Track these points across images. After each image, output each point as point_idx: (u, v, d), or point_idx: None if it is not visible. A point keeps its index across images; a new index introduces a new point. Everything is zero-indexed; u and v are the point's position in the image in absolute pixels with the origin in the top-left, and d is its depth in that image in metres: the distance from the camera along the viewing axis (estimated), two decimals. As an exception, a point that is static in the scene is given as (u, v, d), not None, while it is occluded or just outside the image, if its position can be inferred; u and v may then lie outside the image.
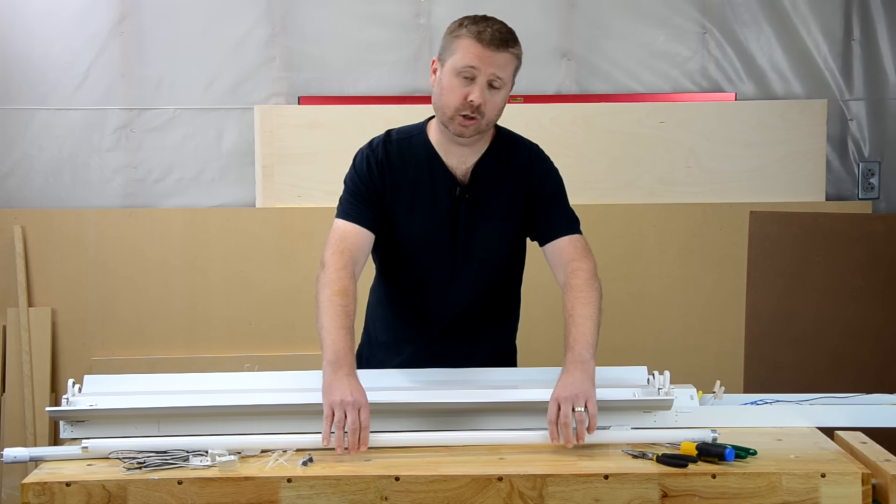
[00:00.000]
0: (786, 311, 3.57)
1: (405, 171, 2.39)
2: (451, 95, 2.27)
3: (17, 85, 3.88)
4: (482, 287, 2.44)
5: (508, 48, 2.27)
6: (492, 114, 2.30)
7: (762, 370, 3.56)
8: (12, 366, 3.80)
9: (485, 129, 2.32)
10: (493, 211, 2.40)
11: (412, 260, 2.42)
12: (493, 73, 2.26)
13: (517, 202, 2.42)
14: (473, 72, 2.25)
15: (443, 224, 2.38)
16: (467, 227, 2.39)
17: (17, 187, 3.91)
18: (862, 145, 3.98)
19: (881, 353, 3.49)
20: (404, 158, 2.40)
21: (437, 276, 2.42)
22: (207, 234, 3.87)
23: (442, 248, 2.40)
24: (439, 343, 2.44)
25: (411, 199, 2.39)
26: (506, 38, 2.28)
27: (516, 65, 2.31)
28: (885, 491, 1.85)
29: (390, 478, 1.86)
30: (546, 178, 2.44)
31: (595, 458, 1.96)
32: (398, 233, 2.40)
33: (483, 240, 2.40)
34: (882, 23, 3.94)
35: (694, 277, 3.90)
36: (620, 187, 3.89)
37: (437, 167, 2.38)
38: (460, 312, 2.43)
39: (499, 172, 2.41)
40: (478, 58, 2.25)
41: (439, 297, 2.43)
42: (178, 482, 1.85)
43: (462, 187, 2.38)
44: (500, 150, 2.42)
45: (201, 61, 3.90)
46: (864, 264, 3.52)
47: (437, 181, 2.38)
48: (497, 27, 2.28)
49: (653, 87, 3.96)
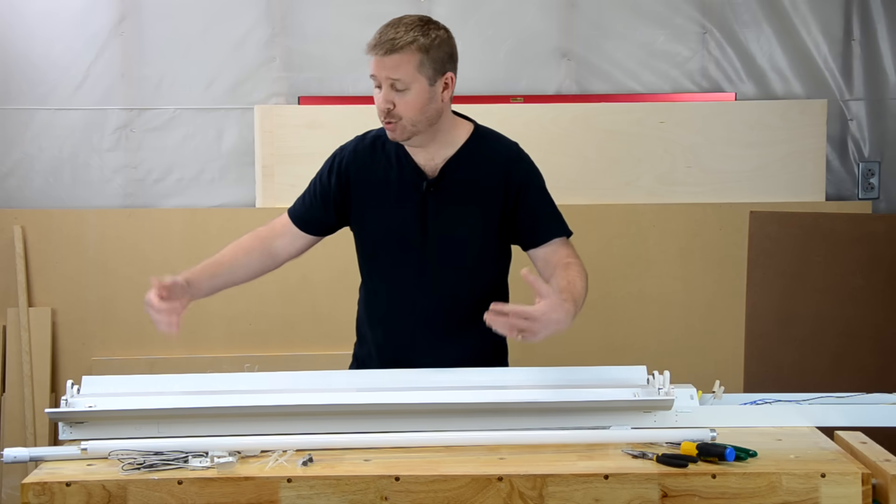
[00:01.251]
0: (786, 311, 3.57)
1: (375, 168, 2.45)
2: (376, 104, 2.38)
3: (17, 85, 3.88)
4: (456, 285, 2.44)
5: (398, 49, 2.31)
6: (409, 114, 2.33)
7: (762, 370, 3.56)
8: (12, 366, 3.80)
9: (413, 129, 2.36)
10: (464, 206, 2.42)
11: (384, 255, 2.46)
12: (388, 77, 2.33)
13: (492, 199, 2.43)
14: (377, 80, 2.36)
15: (412, 218, 2.42)
16: (437, 221, 2.42)
17: (17, 187, 3.91)
18: (862, 145, 3.98)
19: (881, 353, 3.49)
20: (376, 156, 2.46)
21: (408, 270, 2.44)
22: (207, 234, 3.87)
23: (412, 242, 2.43)
24: (417, 341, 2.46)
25: (381, 195, 2.44)
26: (394, 40, 2.32)
27: (420, 59, 2.33)
28: (885, 491, 1.84)
29: (390, 478, 1.86)
30: (526, 181, 2.45)
31: (595, 458, 1.96)
32: (370, 229, 2.46)
33: (455, 235, 2.42)
34: (882, 23, 3.94)
35: (694, 277, 3.90)
36: (620, 187, 3.89)
37: (407, 164, 2.44)
38: (436, 310, 2.44)
39: (471, 168, 2.43)
40: (374, 66, 2.36)
41: (412, 292, 2.45)
42: (178, 482, 1.85)
43: (429, 181, 2.42)
44: (474, 148, 2.44)
45: (201, 61, 3.91)
46: (864, 264, 3.52)
47: (405, 177, 2.43)
48: (387, 33, 2.34)
49: (653, 87, 3.96)
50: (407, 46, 2.32)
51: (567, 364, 2.58)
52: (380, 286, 2.50)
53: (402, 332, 2.48)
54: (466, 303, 2.44)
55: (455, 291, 2.45)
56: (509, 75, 3.93)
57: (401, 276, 2.45)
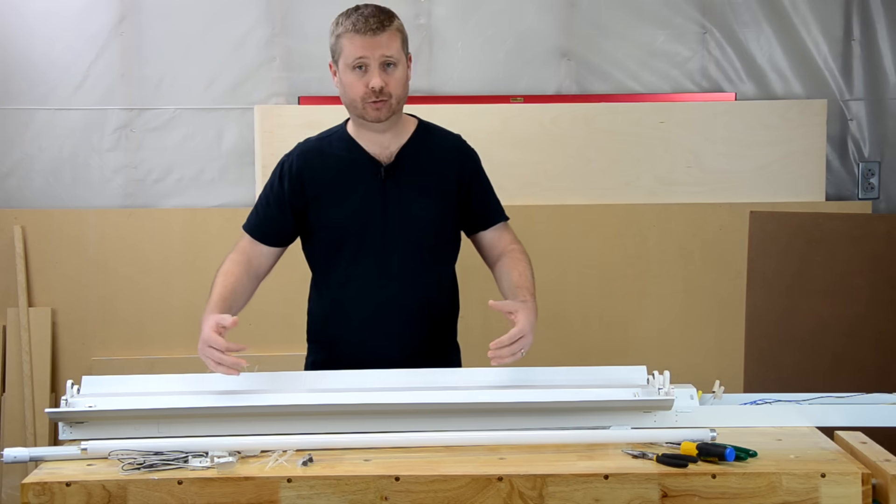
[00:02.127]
0: (786, 311, 3.57)
1: (326, 168, 2.51)
2: (353, 89, 2.43)
3: (17, 85, 3.88)
4: (418, 266, 2.52)
5: (385, 28, 2.42)
6: (397, 90, 2.44)
7: (762, 370, 3.55)
8: (12, 366, 3.80)
9: (397, 107, 2.46)
10: (421, 190, 2.51)
11: (349, 244, 2.50)
12: (382, 55, 2.41)
13: (447, 184, 2.54)
14: (364, 61, 2.40)
15: (372, 206, 2.49)
16: (397, 204, 2.49)
17: (17, 187, 3.91)
18: (862, 145, 3.98)
19: (881, 353, 3.49)
20: (324, 155, 2.53)
21: (372, 256, 2.50)
22: (207, 234, 3.87)
23: (371, 230, 2.49)
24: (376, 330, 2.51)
25: (338, 189, 2.50)
26: (380, 19, 2.42)
27: (401, 38, 2.46)
28: (885, 491, 1.85)
29: (390, 478, 1.86)
30: (476, 169, 2.61)
31: (595, 458, 1.96)
32: (332, 222, 2.51)
33: (415, 217, 2.50)
34: (882, 23, 3.94)
35: (694, 277, 3.90)
36: (620, 187, 3.89)
37: (360, 156, 2.51)
38: (399, 292, 2.50)
39: (423, 155, 2.54)
40: (362, 47, 2.39)
41: (378, 277, 2.50)
42: (178, 482, 1.85)
43: (386, 167, 2.49)
44: (423, 138, 2.56)
45: (201, 61, 3.90)
46: (864, 264, 3.52)
47: (360, 168, 2.50)
48: (368, 12, 2.42)
49: (653, 87, 3.96)
50: (391, 25, 2.43)
51: (567, 364, 2.58)
52: (347, 276, 2.53)
53: (371, 318, 2.52)
54: (426, 284, 2.54)
55: (416, 273, 2.52)
56: (509, 75, 3.93)
57: (366, 262, 2.51)
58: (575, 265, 3.87)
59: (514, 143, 3.85)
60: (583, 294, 3.88)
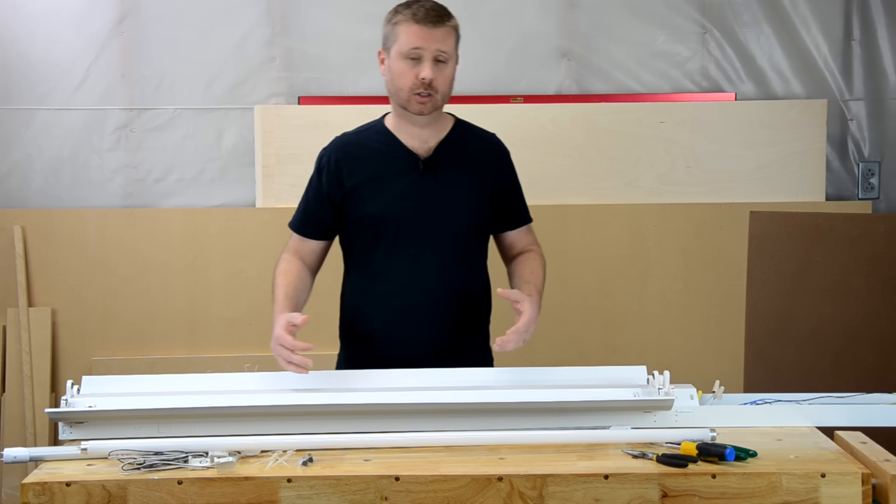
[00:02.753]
0: (786, 311, 3.57)
1: (364, 160, 2.53)
2: (402, 78, 2.44)
3: (17, 85, 3.88)
4: (452, 262, 2.53)
5: (445, 23, 2.44)
6: (444, 87, 2.46)
7: (762, 370, 3.55)
8: (12, 366, 3.80)
9: (441, 103, 2.48)
10: (458, 183, 2.53)
11: (386, 234, 2.51)
12: (437, 49, 2.42)
13: (483, 181, 2.57)
14: (419, 52, 2.42)
15: (410, 199, 2.50)
16: (434, 200, 2.51)
17: (17, 187, 3.91)
18: (862, 145, 3.98)
19: (881, 353, 3.49)
20: (363, 148, 2.55)
21: (405, 253, 2.51)
22: (207, 234, 3.87)
23: (408, 223, 2.50)
24: (411, 321, 2.52)
25: (374, 182, 2.51)
26: (440, 13, 2.44)
27: (456, 37, 2.48)
28: (885, 491, 1.85)
29: (390, 478, 1.86)
30: (510, 168, 2.65)
31: (595, 458, 1.96)
32: (366, 216, 2.52)
33: (453, 212, 2.52)
34: (882, 23, 3.94)
35: (694, 277, 3.90)
36: (620, 187, 3.89)
37: (398, 149, 2.53)
38: (436, 285, 2.51)
39: (461, 151, 2.56)
40: (420, 37, 2.41)
41: (415, 268, 2.51)
42: (178, 482, 1.85)
43: (425, 161, 2.51)
44: (461, 134, 2.58)
45: (201, 61, 3.90)
46: (864, 264, 3.52)
47: (398, 162, 2.52)
48: (429, 6, 2.44)
49: (653, 87, 3.96)
50: (449, 22, 2.45)
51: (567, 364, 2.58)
52: (383, 268, 2.54)
53: (406, 310, 2.52)
54: (461, 277, 2.56)
55: (452, 266, 2.53)
56: (509, 75, 3.93)
57: (402, 254, 2.52)
58: (575, 265, 3.87)
59: (514, 143, 3.81)
60: (583, 294, 3.88)
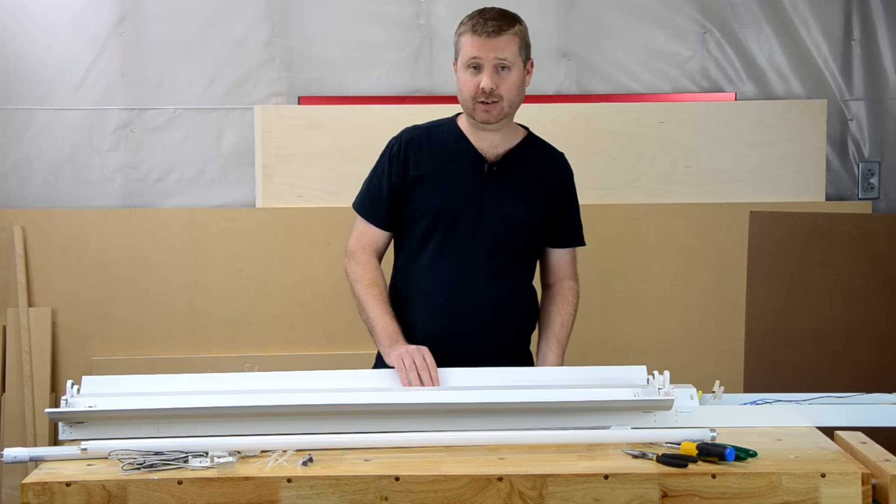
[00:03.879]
0: (786, 311, 3.57)
1: (433, 154, 2.57)
2: (465, 88, 2.50)
3: (17, 85, 3.88)
4: (502, 266, 2.56)
5: (503, 32, 2.48)
6: (510, 94, 2.51)
7: (762, 370, 3.55)
8: (12, 366, 3.80)
9: (508, 110, 2.52)
10: (521, 194, 2.57)
11: (435, 234, 2.55)
12: (496, 57, 2.47)
13: (544, 195, 2.61)
14: (478, 61, 2.47)
15: (469, 199, 2.54)
16: (494, 204, 2.54)
17: (17, 187, 3.90)
18: (862, 145, 3.98)
19: (881, 353, 3.49)
20: (432, 142, 2.59)
21: (457, 252, 2.54)
22: (207, 234, 3.87)
23: (465, 222, 2.54)
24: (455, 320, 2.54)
25: (438, 177, 2.55)
26: (499, 23, 2.49)
27: (520, 42, 2.53)
28: (885, 491, 1.85)
29: (390, 478, 1.86)
30: (572, 187, 2.70)
31: (595, 458, 1.96)
32: (425, 208, 2.55)
33: (509, 217, 2.55)
34: (882, 23, 3.93)
35: (694, 277, 3.89)
36: (620, 187, 3.89)
37: (467, 149, 2.57)
38: (477, 290, 2.53)
39: (528, 161, 2.60)
40: (478, 48, 2.47)
41: (460, 269, 2.54)
42: (178, 482, 1.85)
43: (491, 164, 2.55)
44: (531, 146, 2.63)
45: (201, 61, 3.90)
46: (864, 264, 3.52)
47: (466, 160, 2.56)
48: (490, 16, 2.49)
49: (653, 87, 3.96)
50: (510, 29, 2.50)
51: (567, 364, 2.59)
52: (432, 261, 2.56)
53: (449, 306, 2.54)
54: (509, 286, 2.58)
55: (500, 273, 2.56)
56: (509, 75, 3.93)
57: (454, 251, 2.54)
58: (575, 265, 3.87)
59: (514, 143, 3.84)
60: (583, 294, 3.86)
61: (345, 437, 2.04)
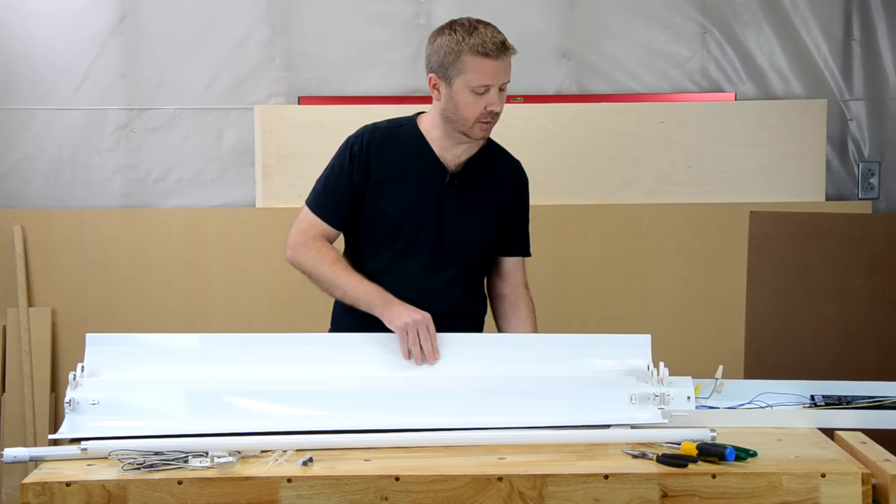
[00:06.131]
0: (786, 311, 3.57)
1: (393, 157, 2.51)
2: (469, 110, 2.42)
3: (17, 85, 3.88)
4: (458, 278, 2.55)
5: (508, 51, 2.44)
6: (501, 113, 2.48)
7: (762, 370, 3.55)
8: (12, 366, 3.80)
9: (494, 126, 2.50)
10: (479, 205, 2.54)
11: (401, 238, 2.51)
12: (504, 80, 2.44)
13: (500, 204, 2.58)
14: (488, 86, 2.41)
15: (430, 208, 2.50)
16: (454, 215, 2.51)
17: (17, 187, 3.91)
18: (862, 145, 3.98)
19: (881, 353, 3.49)
20: (394, 144, 2.52)
21: (416, 260, 2.50)
22: (207, 234, 3.87)
23: (425, 231, 2.50)
24: None
25: (399, 183, 2.50)
26: (504, 41, 2.43)
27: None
28: (885, 491, 1.85)
29: (390, 478, 1.86)
30: (526, 197, 2.68)
31: (595, 458, 1.96)
32: (390, 211, 2.50)
33: (466, 230, 2.53)
34: (882, 23, 3.93)
35: (694, 277, 3.89)
36: (620, 187, 3.89)
37: (428, 155, 2.51)
38: (434, 301, 2.46)
39: (487, 170, 2.56)
40: (492, 74, 2.40)
41: (420, 277, 2.51)
42: (178, 482, 1.85)
43: (452, 174, 2.51)
44: (490, 154, 2.59)
45: (201, 61, 3.90)
46: (864, 264, 3.52)
47: (426, 168, 2.51)
48: (492, 34, 2.42)
49: (653, 87, 3.95)
50: (512, 49, 2.45)
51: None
52: (388, 270, 2.52)
53: None
54: (465, 293, 2.58)
55: (458, 281, 2.55)
56: (509, 75, 3.93)
57: (412, 261, 2.51)
58: (575, 265, 3.87)
59: (513, 144, 3.82)
60: (583, 294, 3.88)
61: (345, 437, 2.05)
